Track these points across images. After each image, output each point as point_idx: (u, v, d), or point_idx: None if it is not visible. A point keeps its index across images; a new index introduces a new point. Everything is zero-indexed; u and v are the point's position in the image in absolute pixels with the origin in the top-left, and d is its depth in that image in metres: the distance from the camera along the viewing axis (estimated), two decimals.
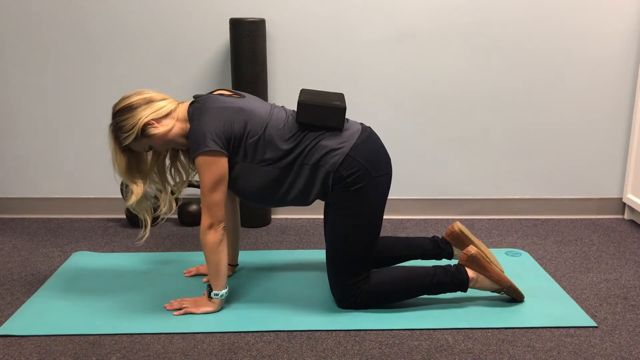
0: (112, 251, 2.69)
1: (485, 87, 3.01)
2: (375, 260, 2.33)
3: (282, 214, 3.16)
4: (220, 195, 2.00)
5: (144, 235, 2.20)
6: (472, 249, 2.14)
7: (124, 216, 3.11)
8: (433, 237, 2.37)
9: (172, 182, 2.25)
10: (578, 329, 2.04)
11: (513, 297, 2.20)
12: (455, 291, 2.15)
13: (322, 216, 3.06)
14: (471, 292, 2.25)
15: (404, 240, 2.35)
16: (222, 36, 2.94)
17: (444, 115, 3.05)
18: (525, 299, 2.22)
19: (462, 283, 2.13)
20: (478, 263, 2.13)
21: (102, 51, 2.95)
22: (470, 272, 2.14)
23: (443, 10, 2.92)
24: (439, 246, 2.33)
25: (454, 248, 2.33)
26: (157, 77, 2.97)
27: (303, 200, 2.11)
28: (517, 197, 3.16)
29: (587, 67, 3.00)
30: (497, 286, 2.16)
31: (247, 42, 2.74)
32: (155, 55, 2.95)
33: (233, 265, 2.42)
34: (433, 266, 2.16)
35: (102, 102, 2.99)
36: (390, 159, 2.14)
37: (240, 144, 2.02)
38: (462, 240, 2.29)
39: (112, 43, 2.94)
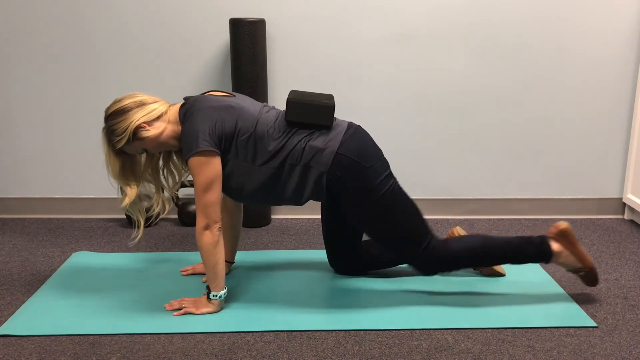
0: (112, 251, 2.69)
1: (485, 87, 3.01)
2: (368, 264, 2.39)
3: (282, 214, 3.16)
4: (214, 195, 2.00)
5: (137, 236, 2.20)
6: (562, 224, 2.15)
7: (124, 216, 3.11)
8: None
9: (165, 184, 2.26)
10: (578, 329, 2.04)
11: (587, 282, 2.20)
12: (537, 262, 2.16)
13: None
14: (471, 292, 2.26)
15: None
16: (222, 36, 2.94)
17: (443, 115, 3.05)
18: (525, 299, 2.22)
19: (546, 254, 2.14)
20: (568, 238, 2.14)
21: (101, 51, 2.95)
22: (556, 246, 2.15)
23: (443, 10, 2.92)
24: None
25: None
26: (157, 77, 2.97)
27: (296, 200, 2.12)
28: (517, 197, 3.16)
29: (587, 67, 3.00)
30: (579, 265, 2.16)
31: (247, 42, 2.74)
32: (155, 55, 2.95)
33: (230, 262, 2.42)
34: (516, 236, 2.18)
35: (102, 102, 2.97)
36: (380, 149, 2.15)
37: (231, 142, 2.02)
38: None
39: (112, 43, 2.94)
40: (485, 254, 2.16)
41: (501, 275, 2.40)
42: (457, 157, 3.10)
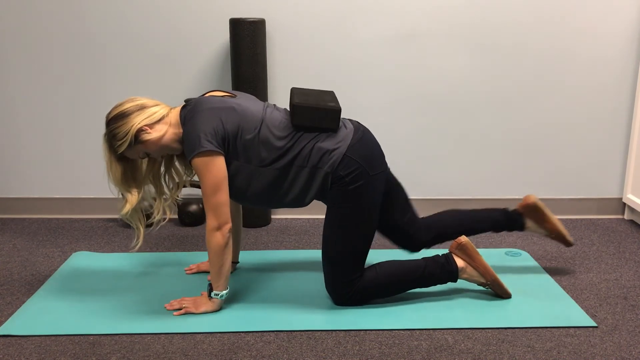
0: (112, 251, 2.69)
1: (485, 87, 3.01)
2: (442, 236, 2.33)
3: (282, 214, 3.16)
4: (223, 195, 1.99)
5: (137, 245, 2.20)
6: (463, 238, 2.17)
7: None
8: (504, 209, 2.41)
9: (166, 189, 2.25)
10: (578, 329, 2.04)
11: (498, 293, 2.22)
12: (447, 282, 2.18)
13: (322, 216, 3.06)
14: (471, 292, 2.25)
15: (471, 213, 2.39)
16: (222, 36, 2.94)
17: (444, 115, 3.05)
18: (525, 299, 2.22)
19: (452, 274, 2.16)
20: (466, 252, 2.17)
21: (102, 51, 2.95)
22: (460, 262, 2.17)
23: (443, 10, 2.92)
24: (512, 217, 2.37)
25: (527, 220, 2.38)
26: (157, 77, 2.98)
27: (300, 201, 2.11)
28: (517, 197, 3.16)
29: (588, 67, 3.00)
30: (482, 279, 2.19)
31: (247, 42, 2.74)
32: (156, 55, 2.95)
33: (234, 262, 2.43)
34: (423, 259, 2.19)
35: (102, 102, 2.99)
36: (384, 156, 2.16)
37: (235, 144, 2.01)
38: (537, 213, 2.36)
39: (112, 43, 2.94)
40: (394, 286, 2.16)
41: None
42: (458, 157, 3.10)
